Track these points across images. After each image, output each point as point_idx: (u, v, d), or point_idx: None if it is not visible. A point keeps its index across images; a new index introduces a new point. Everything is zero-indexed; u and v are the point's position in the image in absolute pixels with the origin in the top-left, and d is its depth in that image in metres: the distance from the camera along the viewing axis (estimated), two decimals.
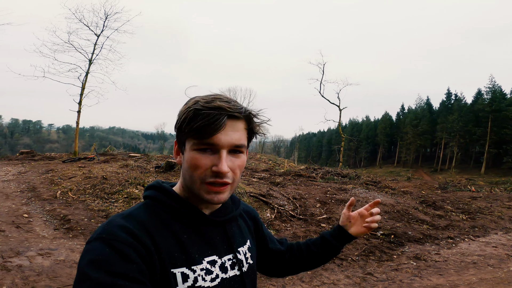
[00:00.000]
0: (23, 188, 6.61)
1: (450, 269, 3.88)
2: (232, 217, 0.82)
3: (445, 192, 11.94)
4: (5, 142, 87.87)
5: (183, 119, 0.69)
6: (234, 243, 0.80)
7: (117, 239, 0.61)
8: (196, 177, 0.69)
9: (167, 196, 0.74)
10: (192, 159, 0.69)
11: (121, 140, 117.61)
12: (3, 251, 3.38)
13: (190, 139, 0.69)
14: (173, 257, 0.67)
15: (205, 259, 0.72)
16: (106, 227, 0.64)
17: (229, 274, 0.76)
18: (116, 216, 0.68)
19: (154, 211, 0.72)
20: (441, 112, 55.82)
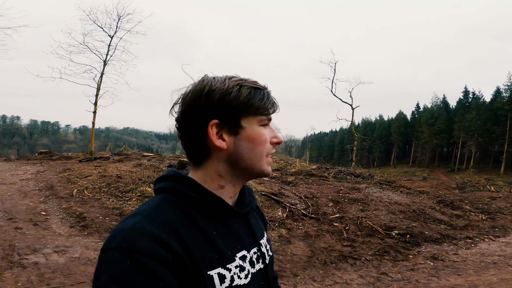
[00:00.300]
0: (41, 187, 6.80)
1: (469, 269, 3.74)
2: (252, 208, 0.79)
3: (463, 192, 11.56)
4: (24, 143, 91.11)
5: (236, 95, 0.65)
6: (256, 235, 0.77)
7: (141, 252, 0.53)
8: (263, 152, 0.70)
9: (189, 186, 0.67)
10: (261, 134, 0.69)
11: (135, 140, 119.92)
12: (20, 248, 3.47)
13: (253, 116, 0.68)
14: (206, 258, 0.61)
15: (237, 255, 0.68)
16: (128, 233, 0.55)
17: (256, 268, 0.73)
18: (136, 216, 0.60)
19: (178, 206, 0.64)
20: (458, 110, 54.19)
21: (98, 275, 0.53)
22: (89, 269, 3.17)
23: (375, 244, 4.65)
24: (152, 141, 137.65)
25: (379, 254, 4.26)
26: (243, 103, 0.66)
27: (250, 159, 0.69)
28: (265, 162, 0.71)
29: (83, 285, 2.81)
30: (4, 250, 3.34)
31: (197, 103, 0.65)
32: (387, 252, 4.35)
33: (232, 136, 0.68)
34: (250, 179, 0.74)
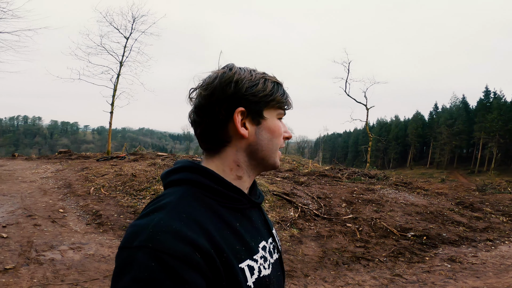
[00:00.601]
0: (60, 185, 7.02)
1: (488, 272, 3.59)
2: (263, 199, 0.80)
3: (483, 194, 11.13)
4: (45, 143, 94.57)
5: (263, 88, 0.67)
6: (270, 225, 0.78)
7: (168, 253, 0.49)
8: (278, 144, 0.72)
9: (211, 178, 0.64)
10: (279, 127, 0.72)
11: (150, 140, 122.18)
12: (37, 245, 3.58)
13: (275, 108, 0.71)
14: (235, 251, 0.59)
15: (259, 246, 0.67)
16: (152, 231, 0.51)
17: (274, 258, 0.72)
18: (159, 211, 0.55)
19: (201, 199, 0.61)
20: (479, 111, 52.23)
21: (118, 275, 0.49)
22: (103, 266, 3.23)
23: (390, 245, 4.54)
24: (166, 141, 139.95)
25: (394, 256, 4.16)
26: (268, 95, 0.69)
27: (267, 150, 0.71)
28: (277, 155, 0.74)
29: (96, 282, 2.87)
30: (22, 247, 3.47)
31: (225, 89, 0.65)
32: (402, 254, 4.24)
33: (254, 126, 0.68)
34: (262, 171, 0.75)
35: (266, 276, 0.64)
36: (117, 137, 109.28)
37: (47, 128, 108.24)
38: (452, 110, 58.88)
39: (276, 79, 0.73)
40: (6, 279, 2.72)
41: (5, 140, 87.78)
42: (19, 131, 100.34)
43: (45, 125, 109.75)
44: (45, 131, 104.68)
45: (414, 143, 64.67)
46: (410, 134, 64.46)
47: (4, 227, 3.99)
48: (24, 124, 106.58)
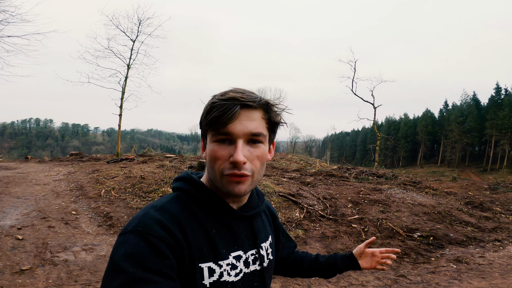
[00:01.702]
0: (72, 187, 7.23)
1: (494, 272, 3.58)
2: (258, 212, 0.83)
3: (495, 193, 10.94)
4: (57, 145, 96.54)
5: (202, 114, 0.73)
6: (258, 238, 0.81)
7: (152, 234, 0.62)
8: (216, 169, 0.70)
9: (197, 189, 0.74)
10: (211, 151, 0.70)
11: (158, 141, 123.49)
12: (52, 246, 3.73)
13: (209, 132, 0.71)
14: (201, 251, 0.68)
15: (231, 254, 0.73)
16: (141, 218, 0.64)
17: (250, 268, 0.77)
18: (150, 208, 0.68)
19: (185, 204, 0.72)
20: (490, 108, 51.09)
21: (115, 251, 0.61)
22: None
23: (395, 246, 4.55)
24: (175, 142, 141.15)
25: (399, 256, 4.17)
26: (204, 119, 0.72)
27: (209, 173, 0.74)
28: (224, 180, 0.70)
29: None
30: (38, 248, 3.61)
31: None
32: (408, 254, 4.25)
33: (206, 150, 0.75)
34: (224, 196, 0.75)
35: (229, 282, 0.71)
36: (126, 138, 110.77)
37: (58, 130, 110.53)
38: (462, 107, 57.75)
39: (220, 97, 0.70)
40: (23, 280, 2.85)
41: (18, 142, 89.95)
42: (32, 134, 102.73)
43: (57, 127, 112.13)
44: (56, 133, 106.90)
45: (424, 141, 63.71)
46: (420, 132, 63.51)
47: (20, 229, 4.16)
48: (36, 126, 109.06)
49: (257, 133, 0.70)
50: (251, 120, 0.69)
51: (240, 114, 0.68)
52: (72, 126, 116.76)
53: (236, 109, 0.68)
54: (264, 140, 0.72)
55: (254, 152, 0.70)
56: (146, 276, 0.57)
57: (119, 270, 0.57)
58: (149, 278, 0.57)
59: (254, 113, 0.70)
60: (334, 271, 1.07)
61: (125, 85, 14.82)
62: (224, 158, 0.69)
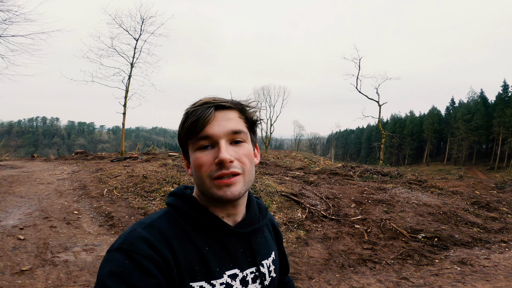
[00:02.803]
0: (76, 186, 7.27)
1: (499, 275, 3.49)
2: (258, 228, 0.79)
3: (501, 192, 10.76)
4: (63, 143, 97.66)
5: (179, 127, 0.72)
6: (258, 255, 0.76)
7: (137, 252, 0.60)
8: (203, 176, 0.68)
9: (189, 205, 0.72)
10: (195, 159, 0.69)
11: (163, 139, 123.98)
12: (53, 246, 3.73)
13: (189, 142, 0.71)
14: (193, 270, 0.66)
15: (226, 273, 0.70)
16: (127, 237, 0.63)
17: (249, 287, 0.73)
18: (138, 225, 0.67)
19: (176, 220, 0.70)
20: (498, 105, 50.42)
21: (101, 269, 0.60)
22: None
23: (398, 247, 4.48)
24: None
25: (402, 258, 4.11)
26: (181, 130, 0.71)
27: (198, 184, 0.72)
28: (213, 186, 0.68)
29: None
30: (39, 248, 3.63)
31: None
32: (411, 256, 4.18)
33: (190, 163, 0.74)
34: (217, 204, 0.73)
35: None
36: (131, 136, 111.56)
37: (64, 128, 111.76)
38: (469, 105, 57.07)
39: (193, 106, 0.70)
40: (22, 281, 2.86)
41: (24, 141, 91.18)
42: (38, 132, 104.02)
43: (63, 125, 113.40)
44: (63, 132, 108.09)
45: (431, 139, 63.12)
46: (426, 130, 62.97)
47: (22, 229, 4.19)
48: (43, 125, 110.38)
49: (238, 130, 0.69)
50: (228, 120, 0.69)
51: (216, 116, 0.69)
52: (78, 125, 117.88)
53: (211, 110, 0.68)
54: (246, 138, 0.72)
55: (239, 151, 0.69)
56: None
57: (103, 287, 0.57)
58: None
59: (229, 113, 0.70)
60: None
61: (128, 84, 14.87)
62: (209, 162, 0.67)
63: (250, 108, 0.75)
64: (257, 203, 0.84)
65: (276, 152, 31.70)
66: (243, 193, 0.69)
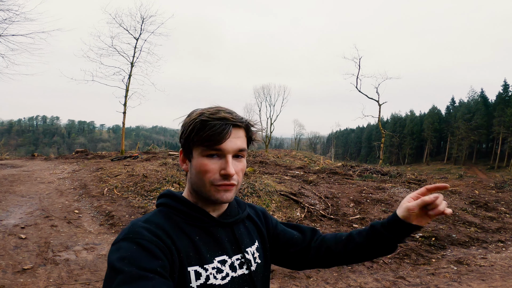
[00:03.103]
0: (76, 185, 7.31)
1: (495, 275, 3.53)
2: (239, 219, 0.88)
3: (500, 192, 10.79)
4: (63, 142, 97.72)
5: (190, 130, 0.77)
6: (242, 243, 0.85)
7: (143, 238, 0.67)
8: (206, 181, 0.76)
9: (178, 202, 0.82)
10: (202, 165, 0.76)
11: (163, 138, 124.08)
12: (54, 245, 3.78)
13: (198, 147, 0.77)
14: (188, 256, 0.74)
15: (216, 259, 0.78)
16: (130, 228, 0.70)
17: (238, 272, 0.81)
18: (137, 220, 0.75)
19: (169, 215, 0.79)
20: (498, 105, 50.47)
21: (110, 257, 0.65)
22: None
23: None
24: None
25: (399, 257, 4.15)
26: (193, 135, 0.77)
27: (196, 184, 0.80)
28: (212, 189, 0.77)
29: None
30: (40, 247, 3.67)
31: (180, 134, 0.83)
32: (408, 255, 4.22)
33: (188, 162, 0.82)
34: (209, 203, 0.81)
35: (215, 286, 0.76)
36: (131, 135, 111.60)
37: (65, 127, 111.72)
38: (470, 104, 57.10)
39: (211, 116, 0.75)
40: (24, 279, 2.90)
41: (25, 140, 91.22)
42: (38, 131, 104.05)
43: (63, 124, 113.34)
44: (63, 131, 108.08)
45: (431, 138, 63.16)
46: (426, 129, 63.01)
47: (23, 228, 4.23)
48: (43, 123, 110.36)
49: (243, 149, 0.79)
50: (238, 138, 0.78)
51: (231, 133, 0.76)
52: (78, 123, 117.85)
53: (229, 128, 0.75)
54: (245, 154, 0.82)
55: (239, 166, 0.79)
56: (142, 273, 0.61)
57: (115, 271, 0.61)
58: (145, 275, 0.61)
59: (239, 131, 0.79)
60: (381, 244, 0.85)
61: (128, 83, 14.90)
62: (215, 171, 0.76)
63: (255, 129, 0.84)
64: (236, 200, 0.94)
65: (276, 151, 31.74)
66: (233, 198, 0.81)
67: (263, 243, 0.94)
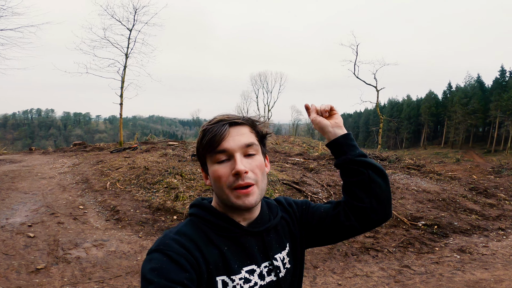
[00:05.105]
0: (78, 180, 7.30)
1: (497, 263, 3.62)
2: (270, 226, 0.86)
3: (498, 177, 10.93)
4: (60, 134, 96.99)
5: (197, 143, 0.81)
6: (270, 250, 0.85)
7: (173, 250, 0.71)
8: (223, 186, 0.77)
9: (208, 212, 0.83)
10: (214, 171, 0.78)
11: (160, 127, 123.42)
12: (63, 243, 3.80)
13: (207, 156, 0.79)
14: (217, 266, 0.76)
15: (243, 269, 0.79)
16: (162, 240, 0.74)
17: (266, 280, 0.82)
18: (169, 232, 0.78)
19: (199, 226, 0.81)
20: (495, 89, 50.67)
21: (143, 269, 0.69)
22: (124, 263, 3.43)
23: (399, 235, 4.60)
24: (177, 127, 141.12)
25: (403, 246, 4.23)
26: (200, 146, 0.81)
27: (217, 193, 0.81)
28: (232, 196, 0.77)
29: (119, 278, 3.06)
30: (49, 246, 3.69)
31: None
32: (412, 244, 4.31)
33: (208, 175, 0.84)
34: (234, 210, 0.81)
35: None
36: (128, 125, 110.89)
37: (60, 119, 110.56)
38: (467, 89, 57.22)
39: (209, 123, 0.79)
40: (40, 279, 2.93)
41: (20, 133, 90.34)
42: (34, 124, 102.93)
43: (58, 117, 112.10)
44: (58, 123, 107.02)
45: (428, 122, 63.41)
46: (423, 114, 63.18)
47: (30, 227, 4.24)
48: (38, 116, 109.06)
49: (250, 143, 0.78)
50: (241, 134, 0.78)
51: (230, 132, 0.77)
52: (74, 115, 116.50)
53: (226, 127, 0.77)
54: (258, 150, 0.81)
55: (252, 163, 0.78)
56: (170, 285, 0.64)
57: (147, 281, 0.65)
58: (173, 286, 0.64)
59: (242, 128, 0.80)
60: (345, 169, 0.91)
61: (124, 74, 14.67)
62: (227, 174, 0.76)
63: (259, 123, 0.84)
64: (267, 202, 0.92)
65: (275, 138, 31.75)
66: (259, 201, 0.79)
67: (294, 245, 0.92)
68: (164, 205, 5.49)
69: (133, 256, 3.64)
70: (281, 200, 0.98)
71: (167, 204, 5.52)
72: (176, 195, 5.93)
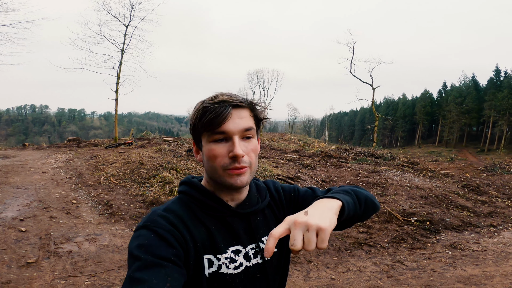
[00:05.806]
0: (71, 175, 7.24)
1: (488, 259, 3.67)
2: (258, 209, 0.86)
3: (491, 175, 11.06)
4: (54, 130, 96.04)
5: (195, 118, 0.79)
6: (257, 233, 0.85)
7: (160, 227, 0.71)
8: (217, 166, 0.77)
9: (197, 190, 0.83)
10: (210, 150, 0.77)
11: (156, 124, 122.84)
12: (55, 237, 3.77)
13: (204, 134, 0.79)
14: (204, 245, 0.76)
15: (229, 249, 0.80)
16: (150, 216, 0.74)
17: (252, 262, 0.83)
18: (157, 208, 0.78)
19: (187, 204, 0.81)
20: (489, 89, 51.23)
21: (130, 245, 0.69)
22: (117, 257, 3.41)
23: (392, 231, 4.64)
24: (172, 124, 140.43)
25: (396, 242, 4.27)
26: (197, 123, 0.79)
27: (210, 171, 0.80)
28: (225, 175, 0.77)
29: (111, 272, 3.05)
30: (41, 240, 3.66)
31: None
32: (404, 240, 4.35)
33: (201, 151, 0.84)
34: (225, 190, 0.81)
35: (227, 275, 0.78)
36: (123, 122, 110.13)
37: (54, 115, 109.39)
38: (461, 88, 57.71)
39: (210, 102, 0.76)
40: (30, 273, 2.90)
41: (14, 129, 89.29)
42: (28, 120, 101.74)
43: (53, 113, 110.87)
44: (53, 119, 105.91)
45: (422, 121, 63.91)
46: (418, 112, 63.66)
47: (22, 221, 4.20)
48: (32, 113, 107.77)
49: (249, 128, 0.78)
50: (241, 118, 0.78)
51: (232, 114, 0.76)
52: (69, 111, 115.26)
53: (229, 109, 0.76)
54: (254, 134, 0.81)
55: (249, 146, 0.79)
56: (157, 261, 0.64)
57: (134, 258, 0.65)
58: (160, 262, 0.64)
59: (243, 111, 0.79)
60: None
61: (120, 70, 14.54)
62: (223, 155, 0.76)
63: (259, 107, 0.84)
64: (256, 184, 0.92)
65: (271, 135, 31.78)
66: (249, 181, 0.81)
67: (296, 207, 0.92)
68: (158, 200, 5.47)
69: (126, 250, 3.63)
70: (269, 184, 0.97)
71: (161, 199, 5.50)
72: (170, 189, 5.91)
